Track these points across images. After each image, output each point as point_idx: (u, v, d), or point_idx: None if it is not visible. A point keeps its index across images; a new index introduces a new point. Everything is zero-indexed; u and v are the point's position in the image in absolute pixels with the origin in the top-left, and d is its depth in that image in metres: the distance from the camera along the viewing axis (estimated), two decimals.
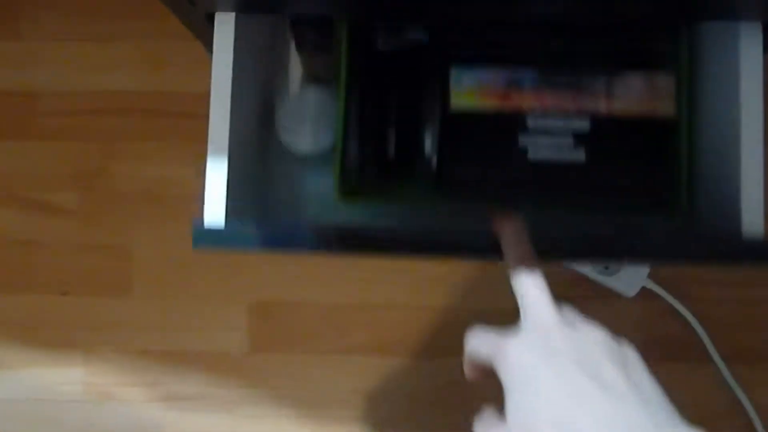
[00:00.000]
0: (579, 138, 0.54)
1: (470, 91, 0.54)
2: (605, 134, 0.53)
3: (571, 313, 0.39)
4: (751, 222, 0.48)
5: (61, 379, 0.67)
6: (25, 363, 0.68)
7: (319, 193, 0.62)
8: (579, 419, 0.33)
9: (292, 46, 0.56)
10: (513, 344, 0.37)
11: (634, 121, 0.53)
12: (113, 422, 0.66)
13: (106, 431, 0.66)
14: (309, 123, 0.57)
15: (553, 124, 0.54)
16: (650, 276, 0.75)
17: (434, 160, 0.54)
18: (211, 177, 0.49)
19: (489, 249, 0.42)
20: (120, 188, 0.69)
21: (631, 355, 0.37)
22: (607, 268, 0.74)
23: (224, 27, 0.49)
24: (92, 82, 0.70)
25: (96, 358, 0.67)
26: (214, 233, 0.47)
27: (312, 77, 0.59)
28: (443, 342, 0.70)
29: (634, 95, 0.53)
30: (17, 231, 0.70)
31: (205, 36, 0.49)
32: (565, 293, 0.73)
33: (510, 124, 0.54)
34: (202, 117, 0.47)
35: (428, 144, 0.54)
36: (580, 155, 0.54)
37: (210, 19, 0.49)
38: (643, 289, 0.74)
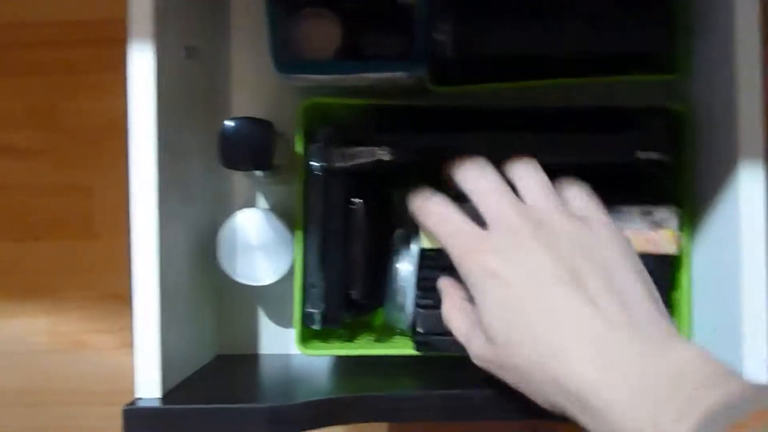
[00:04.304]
0: None
1: None
2: None
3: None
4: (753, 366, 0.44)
5: (28, 329, 0.63)
6: None
7: (276, 330, 0.55)
8: (563, 340, 0.33)
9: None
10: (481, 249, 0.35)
11: None
12: (85, 371, 0.63)
13: (79, 380, 0.63)
14: (255, 252, 0.49)
15: None
16: None
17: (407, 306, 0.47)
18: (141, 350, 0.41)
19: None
20: (80, 123, 0.64)
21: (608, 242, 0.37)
22: None
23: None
24: (39, 13, 0.64)
25: (64, 305, 0.63)
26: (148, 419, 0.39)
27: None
28: None
29: (631, 231, 0.46)
30: None
31: None
32: None
33: None
34: None
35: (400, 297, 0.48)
36: None
37: None
38: None
